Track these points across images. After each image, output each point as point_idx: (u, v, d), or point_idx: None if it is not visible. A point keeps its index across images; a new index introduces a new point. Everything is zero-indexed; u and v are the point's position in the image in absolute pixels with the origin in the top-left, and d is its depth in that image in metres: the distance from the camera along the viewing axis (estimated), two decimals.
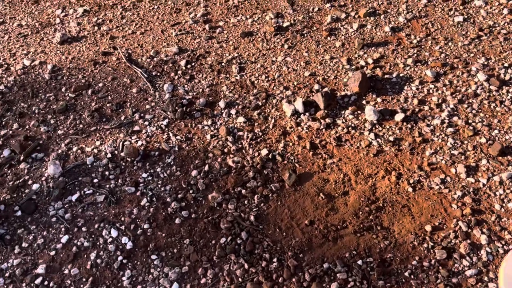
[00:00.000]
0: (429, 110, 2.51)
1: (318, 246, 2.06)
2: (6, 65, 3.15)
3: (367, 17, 3.12)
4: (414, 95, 2.60)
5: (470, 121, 2.43)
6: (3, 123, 2.76)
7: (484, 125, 2.40)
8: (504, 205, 2.09)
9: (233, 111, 2.66)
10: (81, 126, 2.70)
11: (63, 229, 2.23)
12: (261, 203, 2.23)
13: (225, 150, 2.47)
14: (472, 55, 2.77)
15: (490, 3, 3.09)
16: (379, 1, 3.24)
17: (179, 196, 2.29)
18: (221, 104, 2.69)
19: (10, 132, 2.70)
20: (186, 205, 2.26)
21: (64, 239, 2.19)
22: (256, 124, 2.59)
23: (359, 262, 1.98)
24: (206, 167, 2.40)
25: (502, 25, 2.93)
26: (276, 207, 2.21)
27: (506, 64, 2.68)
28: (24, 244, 2.18)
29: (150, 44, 3.17)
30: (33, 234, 2.22)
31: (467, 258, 1.96)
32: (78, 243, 2.16)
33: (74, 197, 2.35)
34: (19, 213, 2.31)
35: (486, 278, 1.88)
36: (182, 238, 2.14)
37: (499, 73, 2.64)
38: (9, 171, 2.50)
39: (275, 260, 2.03)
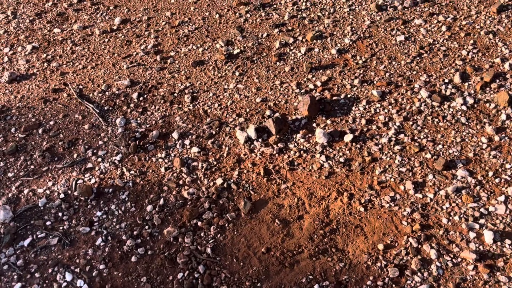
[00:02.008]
0: (377, 129, 2.59)
1: (275, 273, 2.07)
2: None
3: (314, 41, 3.21)
4: (362, 115, 2.68)
5: (415, 137, 2.52)
6: None
7: (428, 140, 2.50)
8: (450, 218, 2.17)
9: (187, 142, 2.67)
10: (32, 167, 2.64)
11: (15, 276, 2.16)
12: (217, 234, 2.23)
13: (180, 182, 2.47)
14: (414, 72, 2.89)
15: (429, 22, 3.23)
16: (325, 24, 3.34)
17: (135, 233, 2.27)
18: (175, 135, 2.70)
19: None
20: (142, 242, 2.24)
21: (17, 287, 2.12)
22: (210, 153, 2.60)
23: (316, 286, 2.00)
24: (161, 201, 2.38)
25: (441, 42, 3.07)
26: (232, 237, 2.22)
27: (446, 80, 2.80)
28: None
29: (101, 78, 3.16)
30: None
31: (419, 274, 2.01)
32: None
33: (26, 242, 2.29)
34: None
35: None
36: (139, 276, 2.12)
37: (440, 89, 2.76)
38: None
39: None
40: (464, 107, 2.63)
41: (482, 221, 2.14)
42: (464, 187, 2.28)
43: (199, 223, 2.27)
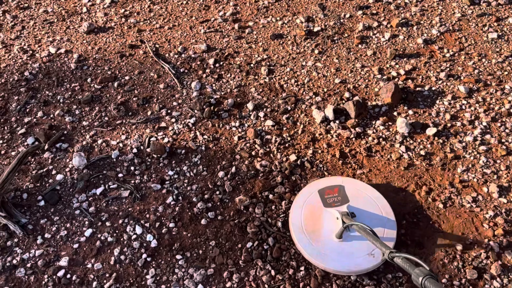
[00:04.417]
0: (461, 126, 2.48)
1: None
2: (31, 52, 3.12)
3: (400, 27, 3.09)
4: (446, 110, 2.57)
5: (503, 140, 2.41)
6: (27, 110, 2.73)
7: None
8: None
9: (261, 114, 2.63)
10: (106, 118, 2.67)
11: (86, 222, 2.20)
12: (288, 210, 2.20)
13: (253, 153, 2.44)
14: (506, 73, 2.74)
15: None
16: (412, 12, 3.21)
17: (206, 196, 2.27)
18: (249, 106, 2.66)
19: (34, 120, 2.67)
20: (212, 206, 2.23)
21: (88, 232, 2.16)
22: (284, 128, 2.56)
23: (389, 276, 1.95)
24: (233, 169, 2.37)
25: None
26: None
27: None
28: (46, 235, 2.15)
29: (178, 40, 3.14)
30: (56, 226, 2.19)
31: (498, 279, 1.93)
32: (102, 238, 2.14)
33: (98, 191, 2.32)
34: (42, 203, 2.28)
35: None
36: (208, 239, 2.12)
37: None
38: (32, 160, 2.47)
39: (302, 268, 2.00)
40: None
41: None
42: None
43: (271, 196, 2.25)
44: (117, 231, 2.16)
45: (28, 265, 2.05)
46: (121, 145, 2.52)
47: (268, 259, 2.03)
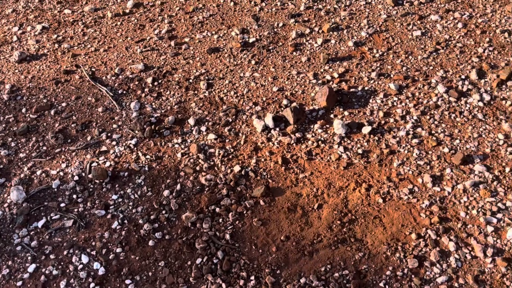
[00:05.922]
0: (394, 122, 2.60)
1: (295, 261, 2.07)
2: None
3: (331, 32, 3.20)
4: (379, 107, 2.68)
5: (433, 131, 2.54)
6: None
7: (446, 135, 2.51)
8: (468, 212, 2.19)
9: (203, 128, 2.65)
10: (44, 148, 2.60)
11: (29, 257, 2.13)
12: (236, 221, 2.22)
13: (197, 168, 2.45)
14: (431, 68, 2.90)
15: (445, 18, 3.24)
16: (341, 17, 3.33)
17: (152, 217, 2.25)
18: (191, 121, 2.67)
19: None
20: (159, 226, 2.22)
21: (31, 268, 2.09)
22: (227, 140, 2.58)
23: (336, 275, 2.01)
24: (178, 186, 2.37)
25: (457, 38, 3.08)
26: (251, 224, 2.21)
27: (463, 76, 2.81)
28: None
29: (114, 62, 3.11)
30: None
31: (437, 265, 2.02)
32: (47, 272, 2.08)
33: (40, 223, 2.26)
34: None
35: (456, 284, 1.95)
36: (157, 260, 2.10)
37: (457, 84, 2.77)
38: None
39: (252, 278, 2.02)
40: (480, 104, 2.65)
41: (499, 215, 2.17)
42: (482, 181, 2.30)
43: (217, 209, 2.26)
44: (62, 263, 2.11)
45: None
46: (61, 174, 2.47)
47: (219, 273, 2.04)
